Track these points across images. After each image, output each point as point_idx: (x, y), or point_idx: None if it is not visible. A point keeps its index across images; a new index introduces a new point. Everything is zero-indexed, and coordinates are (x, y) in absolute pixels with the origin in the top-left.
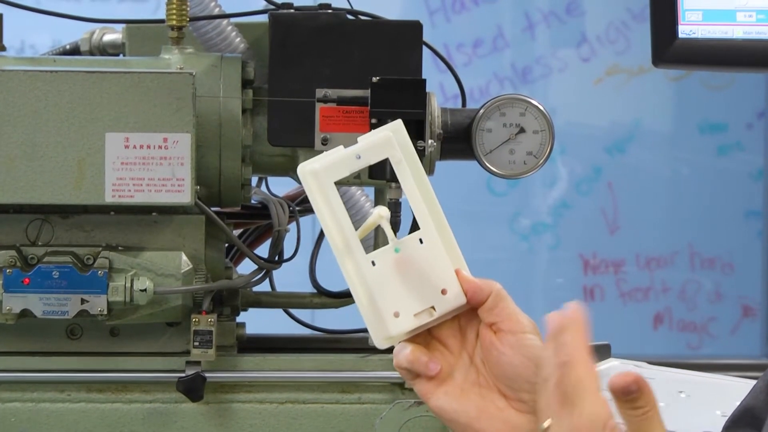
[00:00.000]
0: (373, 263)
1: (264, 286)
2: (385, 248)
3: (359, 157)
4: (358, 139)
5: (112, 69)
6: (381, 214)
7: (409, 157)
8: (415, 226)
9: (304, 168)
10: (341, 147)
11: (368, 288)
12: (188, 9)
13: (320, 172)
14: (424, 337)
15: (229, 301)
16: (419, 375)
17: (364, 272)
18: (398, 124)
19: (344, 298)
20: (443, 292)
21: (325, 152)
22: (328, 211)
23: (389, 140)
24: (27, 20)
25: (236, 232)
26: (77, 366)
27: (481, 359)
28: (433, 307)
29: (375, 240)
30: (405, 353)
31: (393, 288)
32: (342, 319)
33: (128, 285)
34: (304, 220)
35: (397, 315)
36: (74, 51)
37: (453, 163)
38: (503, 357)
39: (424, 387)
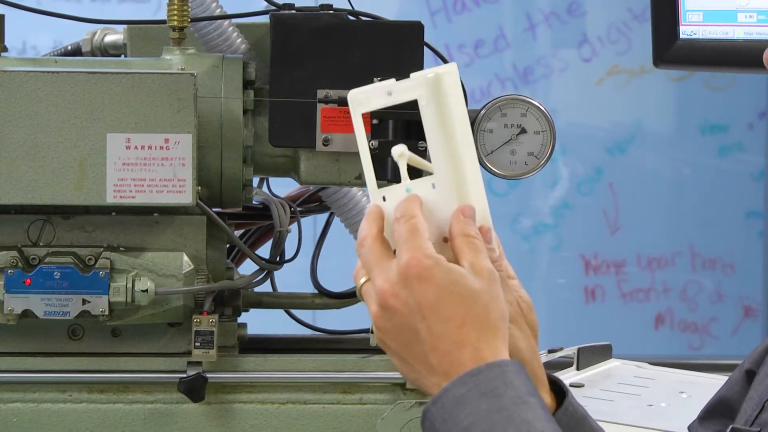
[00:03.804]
0: (384, 199)
1: (265, 287)
2: (398, 186)
3: (390, 94)
4: (411, 75)
5: (113, 70)
6: (401, 151)
7: (445, 101)
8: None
9: (350, 93)
10: (391, 80)
11: None
12: (189, 10)
13: (353, 99)
14: None
15: (231, 301)
16: None
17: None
18: (451, 66)
19: (345, 298)
20: (444, 240)
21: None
22: (357, 133)
23: (423, 82)
24: (29, 21)
25: (237, 233)
26: (79, 366)
27: None
28: None
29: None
30: None
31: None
32: (343, 320)
33: (130, 285)
34: (306, 221)
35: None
36: (76, 52)
37: None
38: None
39: None
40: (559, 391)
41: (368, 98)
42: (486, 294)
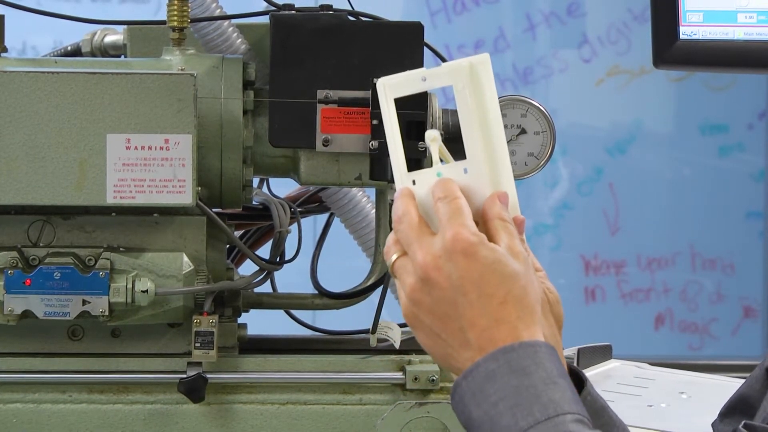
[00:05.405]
0: (414, 182)
1: (265, 287)
2: (429, 170)
3: (424, 80)
4: (443, 64)
5: (113, 70)
6: (434, 136)
7: (480, 90)
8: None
9: (380, 80)
10: (423, 68)
11: None
12: (189, 10)
13: (386, 86)
14: None
15: (231, 302)
16: None
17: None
18: (483, 57)
19: (345, 299)
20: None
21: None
22: (386, 120)
23: (458, 69)
24: (28, 22)
25: (237, 233)
26: (79, 367)
27: None
28: None
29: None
30: None
31: (426, 209)
32: (343, 320)
33: (129, 286)
34: (306, 221)
35: None
36: (76, 52)
37: None
38: None
39: None
40: (578, 381)
41: (401, 84)
42: (524, 277)
